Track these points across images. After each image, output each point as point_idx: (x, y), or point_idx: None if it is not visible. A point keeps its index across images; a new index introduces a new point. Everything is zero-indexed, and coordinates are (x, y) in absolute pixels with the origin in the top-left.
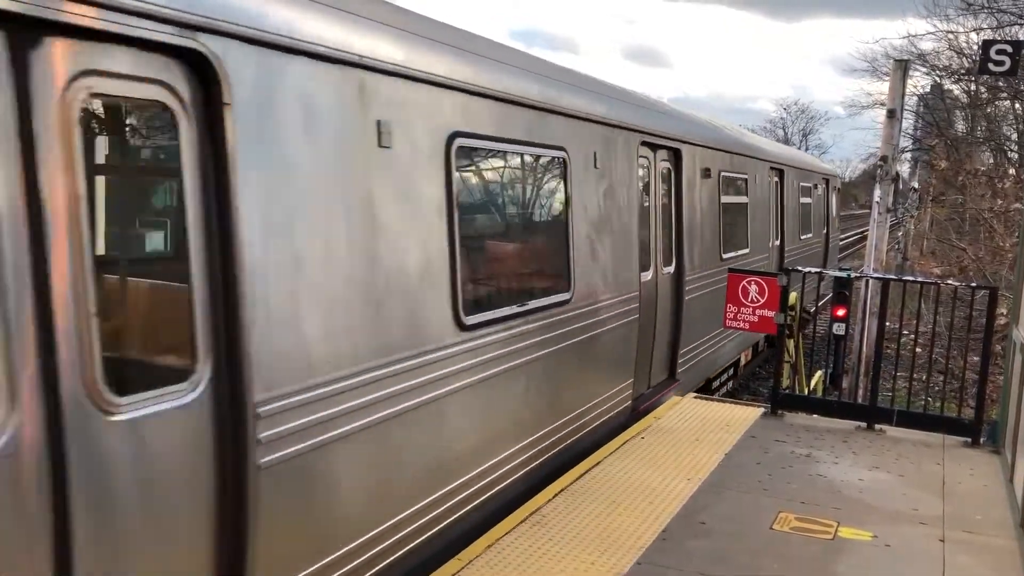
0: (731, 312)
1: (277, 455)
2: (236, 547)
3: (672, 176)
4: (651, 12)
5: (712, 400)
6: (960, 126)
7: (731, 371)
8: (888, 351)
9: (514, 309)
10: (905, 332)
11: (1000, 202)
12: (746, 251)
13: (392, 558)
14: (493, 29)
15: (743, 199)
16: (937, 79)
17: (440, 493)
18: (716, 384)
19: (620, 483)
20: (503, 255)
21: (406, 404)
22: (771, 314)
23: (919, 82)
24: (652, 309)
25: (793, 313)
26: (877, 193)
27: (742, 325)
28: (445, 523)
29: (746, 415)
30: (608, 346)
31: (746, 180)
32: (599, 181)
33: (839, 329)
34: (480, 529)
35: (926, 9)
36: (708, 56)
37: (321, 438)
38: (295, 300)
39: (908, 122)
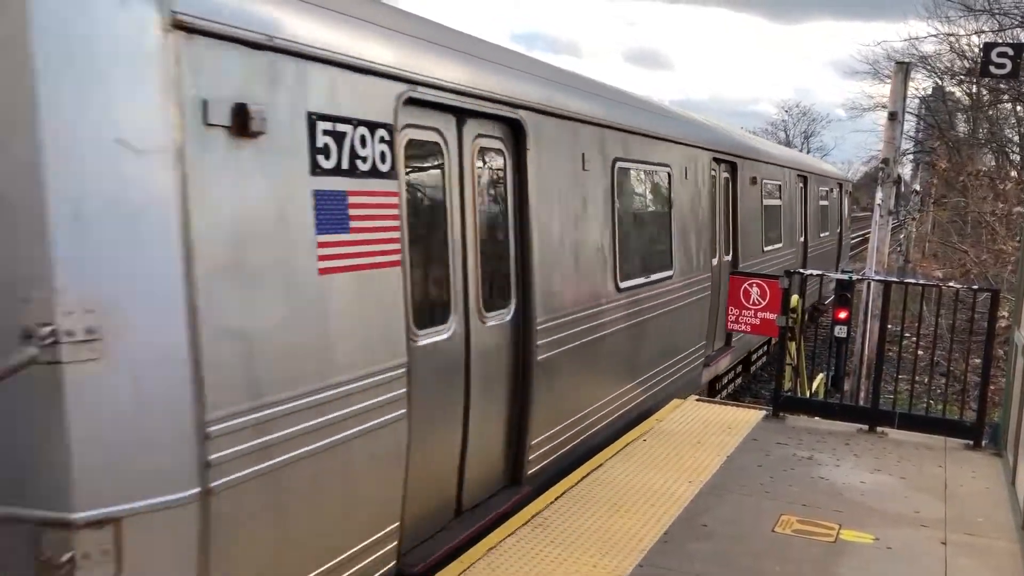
0: (733, 314)
1: (543, 356)
2: (523, 406)
3: (730, 184)
4: (652, 14)
5: (714, 403)
6: (962, 128)
7: (764, 347)
8: (890, 354)
9: (642, 280)
10: (907, 335)
11: (1002, 205)
12: (780, 245)
13: (588, 433)
14: (495, 32)
15: (778, 202)
16: (938, 81)
17: (609, 396)
18: (754, 358)
19: (622, 486)
20: (637, 241)
21: (590, 337)
22: (773, 316)
23: (921, 84)
24: (717, 288)
25: (795, 315)
26: (879, 195)
27: (743, 328)
28: (616, 415)
29: (748, 417)
30: (692, 314)
31: (780, 186)
32: (689, 188)
33: (841, 332)
34: (632, 424)
35: (927, 11)
36: (709, 58)
37: (558, 350)
38: (551, 266)
39: (910, 124)
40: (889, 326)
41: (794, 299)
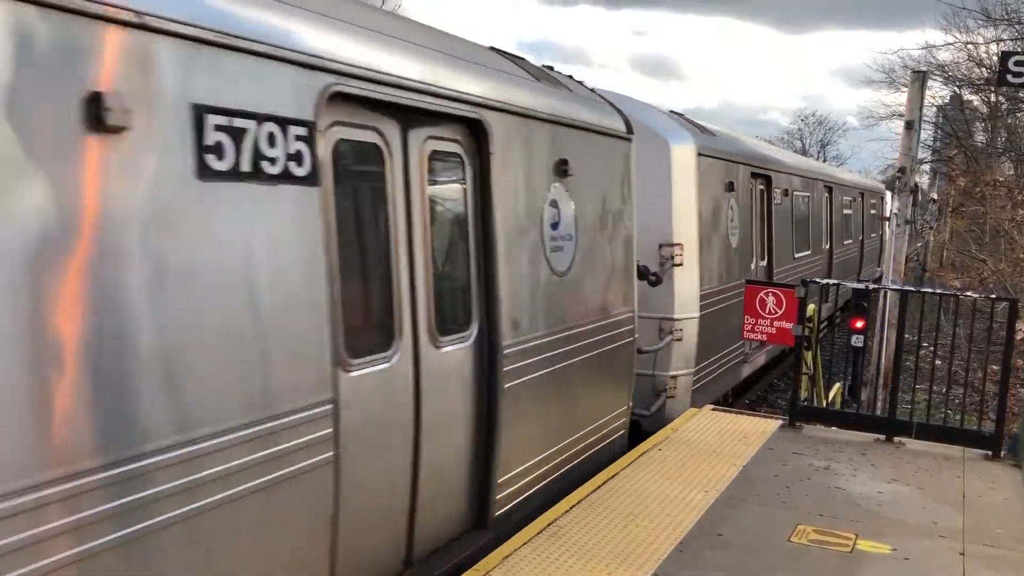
0: (749, 324)
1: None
2: None
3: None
4: (661, 23)
5: (730, 412)
6: (980, 137)
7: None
8: (907, 363)
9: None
10: (924, 344)
11: (1021, 212)
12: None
13: (720, 370)
14: (503, 40)
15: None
16: (956, 90)
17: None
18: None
19: (637, 495)
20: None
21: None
22: (789, 326)
23: (938, 93)
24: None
25: (811, 324)
26: (895, 205)
27: (760, 337)
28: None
29: (764, 427)
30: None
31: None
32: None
33: (858, 341)
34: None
35: (946, 20)
36: (718, 67)
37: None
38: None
39: (927, 133)
40: (906, 336)
41: (810, 308)
